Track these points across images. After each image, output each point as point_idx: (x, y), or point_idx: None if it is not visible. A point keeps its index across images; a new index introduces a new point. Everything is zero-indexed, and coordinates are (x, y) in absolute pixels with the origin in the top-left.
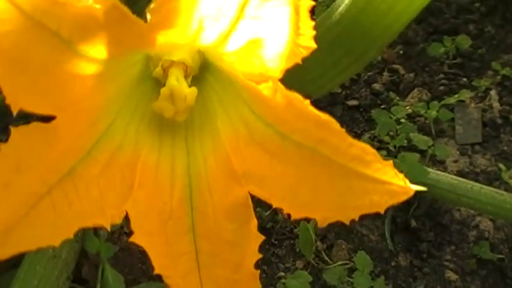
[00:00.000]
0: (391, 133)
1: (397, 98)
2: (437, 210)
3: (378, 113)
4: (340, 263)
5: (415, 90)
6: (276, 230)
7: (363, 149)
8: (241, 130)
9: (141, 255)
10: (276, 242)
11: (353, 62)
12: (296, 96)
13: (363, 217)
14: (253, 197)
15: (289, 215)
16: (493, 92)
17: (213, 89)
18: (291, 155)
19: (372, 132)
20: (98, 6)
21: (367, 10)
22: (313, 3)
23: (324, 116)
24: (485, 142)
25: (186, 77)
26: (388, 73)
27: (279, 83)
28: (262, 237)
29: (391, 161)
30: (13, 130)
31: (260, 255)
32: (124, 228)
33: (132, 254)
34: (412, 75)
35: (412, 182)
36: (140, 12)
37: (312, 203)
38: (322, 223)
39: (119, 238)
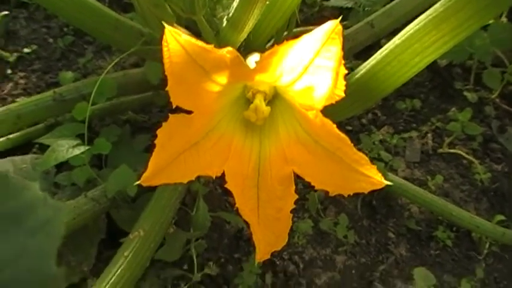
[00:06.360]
0: (369, 149)
1: (375, 129)
2: (389, 197)
3: (363, 137)
4: (329, 218)
5: (385, 126)
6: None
7: (361, 156)
8: (292, 135)
9: (220, 197)
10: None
11: (359, 106)
12: (328, 121)
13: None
14: None
15: (306, 186)
16: (429, 135)
17: (278, 109)
18: (319, 153)
19: (358, 146)
20: (228, 55)
21: (372, 78)
22: (346, 71)
23: (342, 134)
24: (422, 162)
25: (265, 100)
26: (371, 114)
27: (319, 112)
28: (296, 196)
29: (375, 165)
30: (170, 116)
31: (294, 206)
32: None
33: (213, 195)
34: (384, 117)
35: None
36: None
37: (327, 181)
38: (331, 193)
39: (208, 185)
